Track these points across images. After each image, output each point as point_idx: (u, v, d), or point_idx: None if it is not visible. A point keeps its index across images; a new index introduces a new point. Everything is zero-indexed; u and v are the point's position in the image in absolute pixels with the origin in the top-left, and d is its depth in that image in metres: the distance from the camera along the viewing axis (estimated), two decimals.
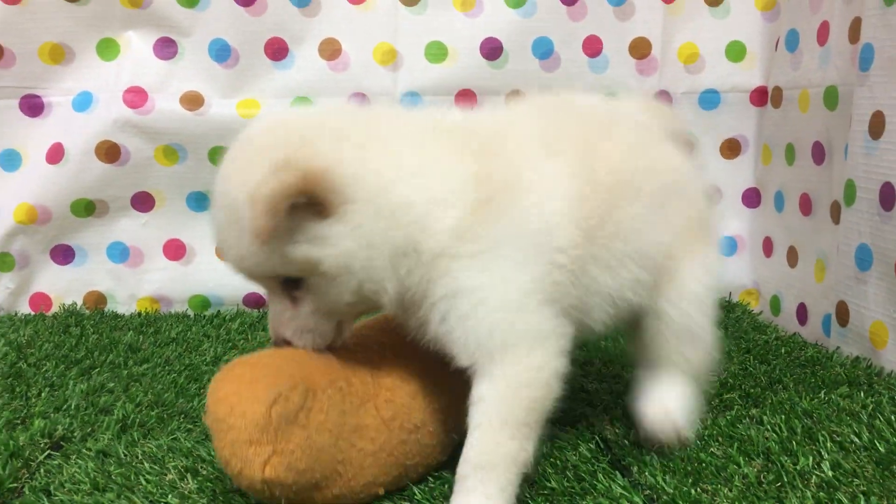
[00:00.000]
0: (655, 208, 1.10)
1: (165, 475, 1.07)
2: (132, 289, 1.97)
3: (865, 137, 1.48)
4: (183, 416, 1.29)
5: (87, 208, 1.91)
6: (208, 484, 1.04)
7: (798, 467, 1.07)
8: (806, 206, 1.76)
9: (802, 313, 1.76)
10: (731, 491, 1.01)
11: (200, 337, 1.72)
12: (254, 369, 0.95)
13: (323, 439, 0.94)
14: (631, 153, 1.11)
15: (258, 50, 1.90)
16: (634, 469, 1.09)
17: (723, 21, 1.95)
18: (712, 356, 1.19)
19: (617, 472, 1.08)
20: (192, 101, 1.88)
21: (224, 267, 1.02)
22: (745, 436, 1.16)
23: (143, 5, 1.85)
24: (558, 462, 1.11)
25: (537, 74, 1.93)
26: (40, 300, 1.95)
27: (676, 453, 1.12)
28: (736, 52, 1.96)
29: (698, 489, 1.02)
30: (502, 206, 0.97)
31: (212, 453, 1.08)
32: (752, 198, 2.01)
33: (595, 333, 1.12)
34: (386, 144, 0.98)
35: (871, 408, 1.27)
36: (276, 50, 1.90)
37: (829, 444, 1.13)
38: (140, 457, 1.13)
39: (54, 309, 1.95)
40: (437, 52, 1.92)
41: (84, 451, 1.16)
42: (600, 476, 1.06)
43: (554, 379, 0.99)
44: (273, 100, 1.91)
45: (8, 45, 1.84)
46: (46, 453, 1.15)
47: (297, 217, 0.91)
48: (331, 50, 1.91)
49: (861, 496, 0.98)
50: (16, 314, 1.92)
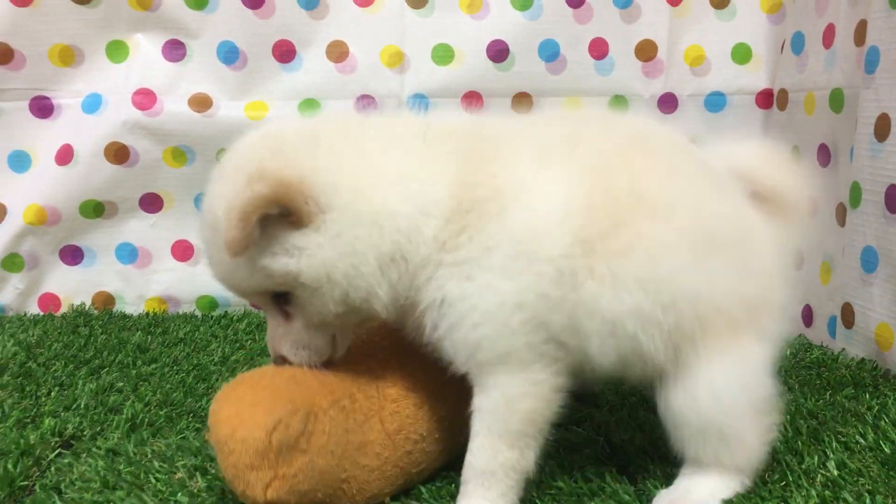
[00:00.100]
0: (689, 250, 0.95)
1: (175, 474, 1.08)
2: (140, 289, 1.98)
3: (871, 140, 1.48)
4: (192, 415, 1.29)
5: (95, 209, 1.93)
6: (217, 482, 1.05)
7: (803, 467, 1.07)
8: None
9: (808, 315, 1.76)
10: None
11: (208, 337, 1.73)
12: (255, 391, 0.93)
13: (326, 461, 0.93)
14: (667, 179, 0.98)
15: (266, 52, 1.91)
16: (638, 476, 1.08)
17: (729, 23, 1.96)
18: (755, 453, 1.01)
19: (624, 476, 1.08)
20: (201, 102, 1.89)
21: None
22: None
23: (152, 8, 1.86)
24: (565, 462, 1.11)
25: (543, 76, 1.93)
26: (49, 300, 1.97)
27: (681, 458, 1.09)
28: (742, 54, 1.96)
29: None
30: (487, 214, 0.93)
31: None
32: None
33: (602, 368, 0.98)
34: (364, 151, 0.96)
35: (876, 409, 1.27)
36: (284, 52, 1.91)
37: (834, 445, 1.14)
38: (149, 455, 1.14)
39: (63, 309, 1.97)
40: (443, 54, 1.93)
41: (94, 449, 1.17)
42: (608, 478, 1.06)
43: (552, 392, 0.97)
44: (281, 102, 1.92)
45: (18, 46, 1.85)
46: (57, 452, 1.16)
47: (273, 228, 0.90)
48: (338, 52, 1.92)
49: (866, 495, 0.99)
50: (25, 314, 1.94)
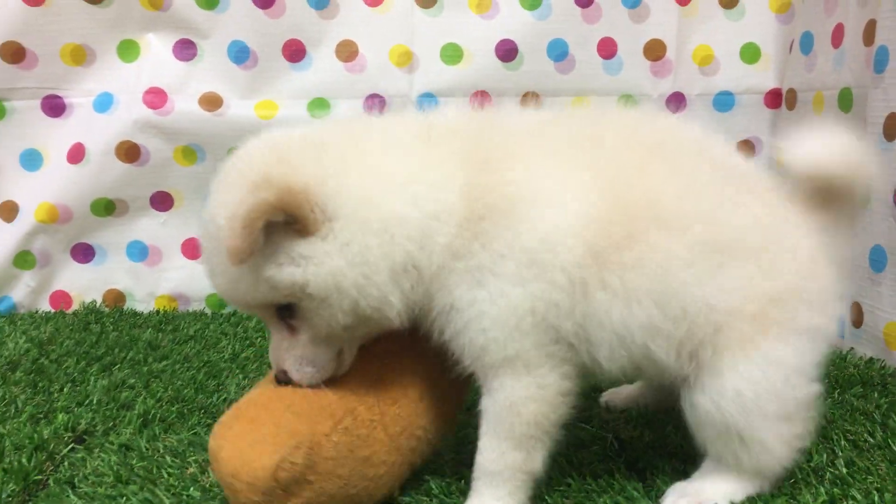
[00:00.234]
0: (704, 259, 0.93)
1: (186, 469, 1.09)
2: (151, 287, 2.00)
3: (880, 139, 1.48)
4: (203, 411, 1.30)
5: (107, 208, 1.94)
6: None
7: (812, 465, 1.08)
8: None
9: None
10: None
11: (218, 335, 1.74)
12: (254, 427, 0.92)
13: (333, 484, 0.94)
14: (685, 191, 0.95)
15: (276, 52, 1.92)
16: (647, 472, 1.09)
17: (737, 23, 1.96)
18: (778, 459, 0.98)
19: (633, 473, 1.09)
20: (211, 102, 1.90)
21: None
22: None
23: (164, 7, 1.87)
24: (574, 460, 1.12)
25: (552, 76, 1.94)
26: (61, 298, 1.98)
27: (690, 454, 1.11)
28: (750, 54, 1.96)
29: None
30: (501, 222, 0.91)
31: None
32: None
33: (612, 372, 0.98)
34: (369, 156, 0.93)
35: (884, 408, 1.28)
36: (294, 52, 1.92)
37: (842, 443, 1.14)
38: (161, 451, 1.15)
39: (74, 307, 1.98)
40: (452, 53, 1.93)
41: (107, 444, 1.18)
42: (617, 475, 1.07)
43: (559, 396, 0.96)
44: (290, 101, 1.93)
45: (30, 46, 1.86)
46: (70, 447, 1.17)
47: (278, 237, 0.88)
48: (348, 52, 1.93)
49: (875, 493, 0.99)
50: (37, 312, 1.95)
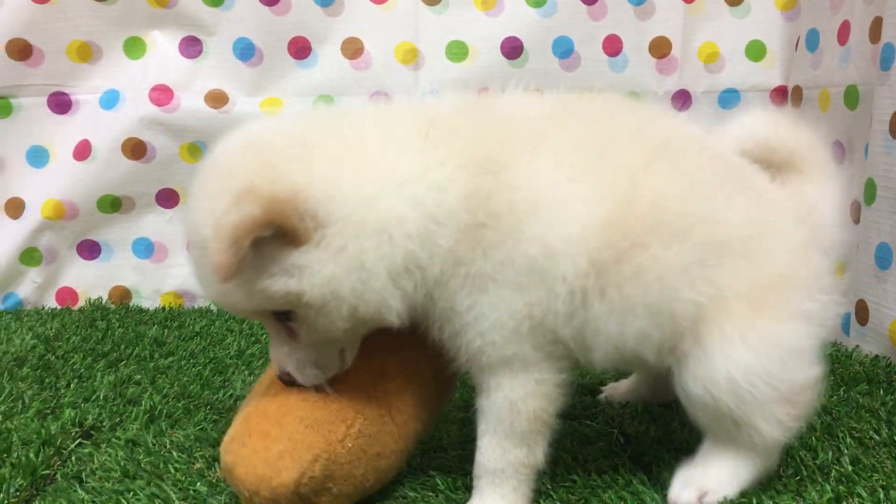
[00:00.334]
0: (698, 262, 0.91)
1: (193, 464, 1.09)
2: (157, 284, 2.00)
3: (886, 137, 1.48)
4: (209, 407, 1.31)
5: (113, 204, 1.94)
6: None
7: (817, 462, 1.08)
8: None
9: None
10: None
11: (224, 331, 1.74)
12: (268, 443, 0.91)
13: (349, 485, 0.96)
14: (689, 192, 0.93)
15: (282, 49, 1.92)
16: (653, 466, 1.09)
17: (743, 20, 1.96)
18: (771, 440, 0.97)
19: (639, 468, 1.09)
20: (217, 99, 1.90)
21: None
22: None
23: (169, 5, 1.87)
24: (579, 456, 1.12)
25: (557, 73, 1.94)
26: (67, 294, 1.99)
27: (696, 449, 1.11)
28: (756, 51, 1.96)
29: None
30: (503, 228, 0.88)
31: None
32: None
33: (604, 369, 0.99)
34: (362, 155, 0.89)
35: (890, 405, 1.28)
36: (300, 49, 1.92)
37: (848, 440, 1.14)
38: (168, 446, 1.15)
39: (80, 303, 1.99)
40: (457, 51, 1.94)
41: (114, 439, 1.18)
42: (621, 470, 1.07)
43: (556, 389, 0.96)
44: (296, 98, 1.93)
45: (36, 43, 1.86)
46: (77, 442, 1.18)
47: (269, 248, 0.84)
48: (353, 49, 1.93)
49: (880, 490, 0.99)
50: (43, 308, 1.96)
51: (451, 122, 0.94)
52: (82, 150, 1.91)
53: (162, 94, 1.90)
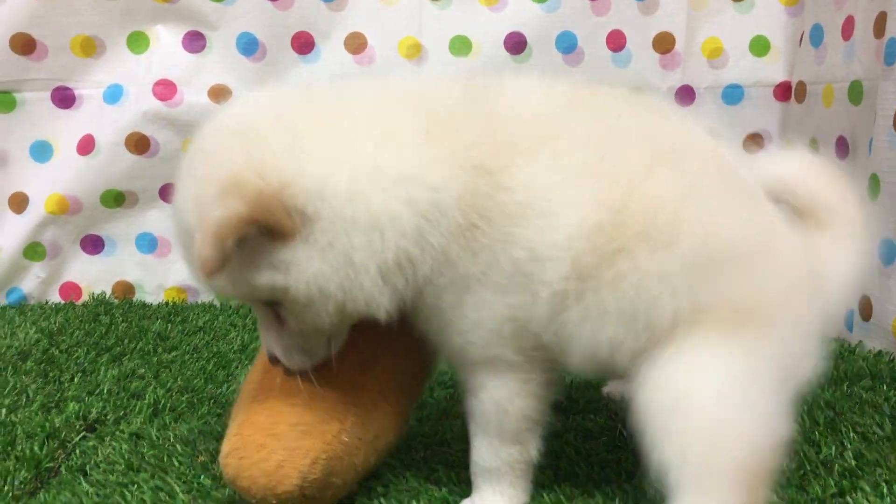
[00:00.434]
0: (682, 275, 0.85)
1: (197, 457, 1.10)
2: (160, 279, 2.00)
3: (890, 132, 1.48)
4: (212, 401, 1.31)
5: (116, 199, 1.94)
6: None
7: (821, 457, 1.08)
8: None
9: None
10: None
11: (227, 326, 1.75)
12: (264, 454, 0.91)
13: (351, 472, 0.97)
14: (686, 200, 0.87)
15: (285, 44, 1.92)
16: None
17: (747, 16, 1.95)
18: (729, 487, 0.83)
19: (641, 462, 1.09)
20: (220, 93, 1.90)
21: None
22: None
23: (173, 0, 1.87)
24: (582, 450, 1.12)
25: (561, 69, 1.93)
26: (70, 289, 1.99)
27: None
28: (760, 46, 1.95)
29: None
30: (492, 232, 0.85)
31: None
32: None
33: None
34: (361, 149, 0.85)
35: (893, 400, 1.28)
36: (303, 44, 1.92)
37: (851, 435, 1.14)
38: (172, 439, 1.16)
39: (84, 298, 1.99)
40: (461, 46, 1.93)
41: (118, 433, 1.19)
42: (624, 464, 1.07)
43: (542, 388, 0.94)
44: None
45: (40, 37, 1.87)
46: (81, 435, 1.18)
47: (254, 242, 0.81)
48: (356, 44, 1.93)
49: (884, 485, 0.99)
50: (46, 303, 1.96)
51: (453, 117, 0.89)
52: (86, 145, 1.91)
53: (165, 89, 1.90)
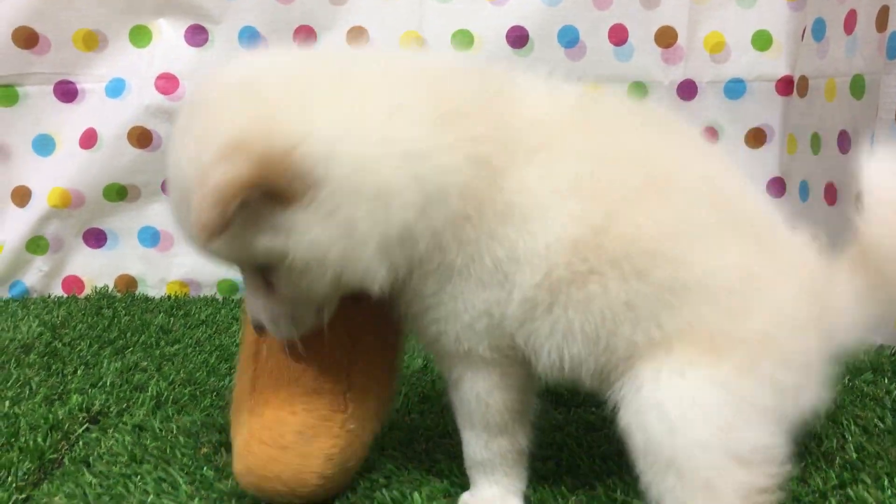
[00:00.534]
0: (649, 303, 0.84)
1: (200, 449, 1.10)
2: (162, 272, 2.00)
3: (892, 126, 1.48)
4: (215, 393, 1.32)
5: (119, 193, 1.95)
6: None
7: (822, 449, 1.08)
8: (831, 195, 1.76)
9: None
10: None
11: (230, 319, 1.75)
12: (278, 465, 0.92)
13: (362, 449, 1.01)
14: (669, 233, 0.85)
15: (287, 37, 1.91)
16: None
17: (749, 10, 1.95)
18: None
19: None
20: None
21: None
22: None
23: None
24: (584, 442, 1.12)
25: (563, 63, 1.93)
26: (73, 283, 1.99)
27: None
28: (762, 41, 1.95)
29: None
30: (481, 226, 0.84)
31: None
32: (776, 187, 2.01)
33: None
34: (373, 115, 0.82)
35: (895, 394, 1.28)
36: (305, 37, 1.92)
37: (852, 428, 1.15)
38: (175, 431, 1.16)
39: (86, 291, 1.99)
40: (462, 39, 1.93)
41: (121, 425, 1.19)
42: (625, 456, 1.07)
43: (523, 381, 0.93)
44: None
45: (43, 31, 1.87)
46: (84, 427, 1.19)
47: (255, 204, 0.78)
48: (358, 38, 1.93)
49: (885, 477, 0.99)
50: (49, 296, 1.97)
51: (467, 106, 0.87)
52: (88, 139, 1.91)
53: (168, 83, 1.90)
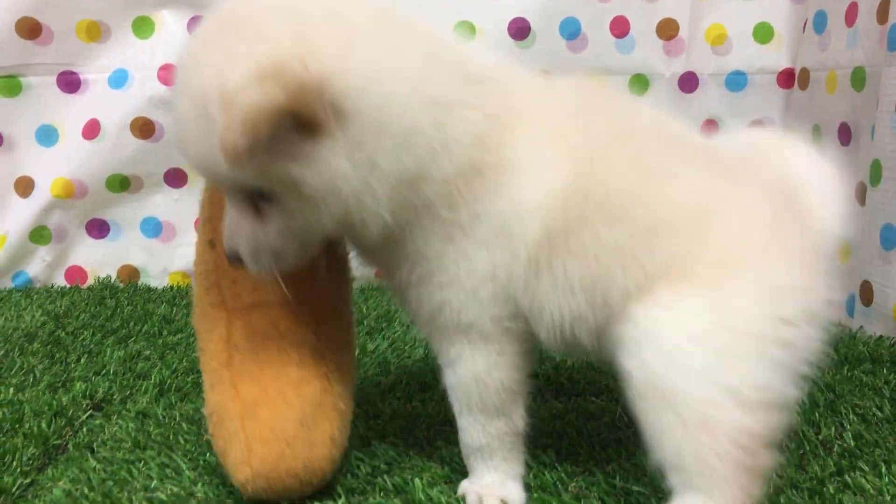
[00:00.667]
0: (635, 246, 0.85)
1: (203, 435, 1.11)
2: (165, 263, 2.01)
3: (892, 118, 1.48)
4: None
5: (121, 183, 1.96)
6: None
7: (820, 437, 1.09)
8: None
9: None
10: None
11: None
12: (287, 461, 0.92)
13: (351, 416, 1.03)
14: (641, 175, 0.87)
15: None
16: None
17: (750, 2, 1.95)
18: (731, 468, 0.79)
19: (641, 442, 1.10)
20: None
21: None
22: None
23: None
24: (584, 430, 1.13)
25: (564, 55, 1.93)
26: (76, 273, 2.00)
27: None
28: (763, 33, 1.95)
29: None
30: (488, 182, 0.85)
31: None
32: None
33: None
34: (405, 61, 0.82)
35: (893, 383, 1.29)
36: None
37: (851, 417, 1.15)
38: (178, 418, 1.17)
39: (89, 282, 2.00)
40: (464, 31, 1.93)
41: (124, 411, 1.20)
42: (624, 444, 1.08)
43: (520, 358, 0.93)
44: None
45: (46, 22, 1.87)
46: (88, 413, 1.20)
47: (281, 130, 0.76)
48: None
49: (882, 464, 1.00)
50: (52, 286, 1.98)
51: (484, 72, 0.89)
52: (91, 130, 1.92)
53: (171, 74, 1.89)
